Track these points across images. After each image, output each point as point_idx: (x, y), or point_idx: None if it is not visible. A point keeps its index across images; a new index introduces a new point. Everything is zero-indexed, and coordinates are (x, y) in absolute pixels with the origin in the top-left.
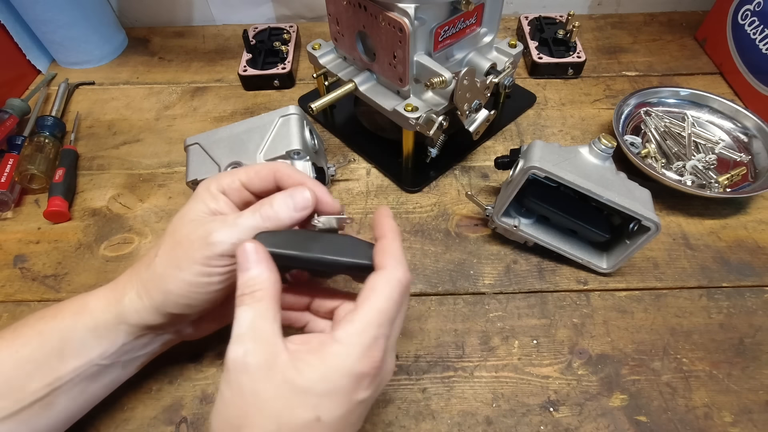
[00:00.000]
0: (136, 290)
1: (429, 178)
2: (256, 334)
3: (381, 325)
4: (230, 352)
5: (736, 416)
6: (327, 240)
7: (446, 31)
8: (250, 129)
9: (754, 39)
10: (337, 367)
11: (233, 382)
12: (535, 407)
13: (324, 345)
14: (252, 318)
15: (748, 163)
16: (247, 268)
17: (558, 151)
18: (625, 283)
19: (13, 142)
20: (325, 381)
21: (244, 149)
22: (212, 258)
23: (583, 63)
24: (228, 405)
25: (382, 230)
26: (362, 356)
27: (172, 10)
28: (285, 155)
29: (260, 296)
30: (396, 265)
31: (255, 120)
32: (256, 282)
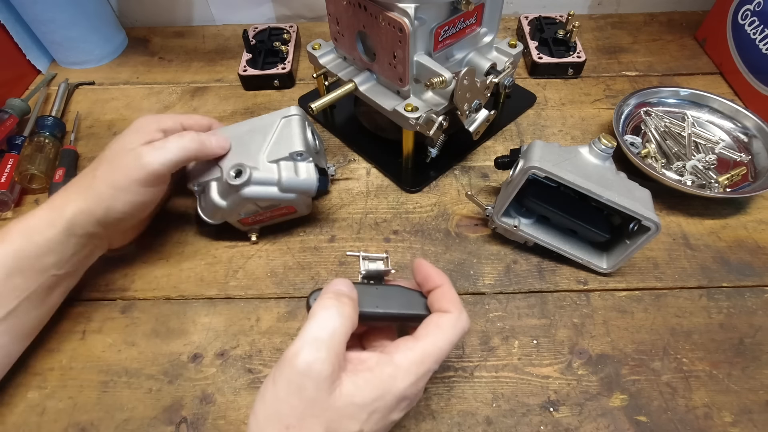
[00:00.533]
0: (78, 206)
1: (429, 178)
2: (333, 345)
3: (436, 361)
4: (304, 353)
5: (736, 416)
6: (384, 294)
7: (446, 31)
8: (251, 130)
9: (754, 39)
10: (391, 389)
11: (295, 382)
12: (535, 407)
13: (381, 365)
14: (336, 328)
15: (748, 163)
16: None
17: (558, 151)
18: (625, 283)
19: (13, 142)
20: (378, 400)
21: (246, 150)
22: (145, 177)
23: (583, 63)
24: (282, 402)
25: (434, 280)
26: (412, 384)
27: (172, 10)
28: (288, 157)
29: (348, 312)
30: (461, 312)
31: (256, 121)
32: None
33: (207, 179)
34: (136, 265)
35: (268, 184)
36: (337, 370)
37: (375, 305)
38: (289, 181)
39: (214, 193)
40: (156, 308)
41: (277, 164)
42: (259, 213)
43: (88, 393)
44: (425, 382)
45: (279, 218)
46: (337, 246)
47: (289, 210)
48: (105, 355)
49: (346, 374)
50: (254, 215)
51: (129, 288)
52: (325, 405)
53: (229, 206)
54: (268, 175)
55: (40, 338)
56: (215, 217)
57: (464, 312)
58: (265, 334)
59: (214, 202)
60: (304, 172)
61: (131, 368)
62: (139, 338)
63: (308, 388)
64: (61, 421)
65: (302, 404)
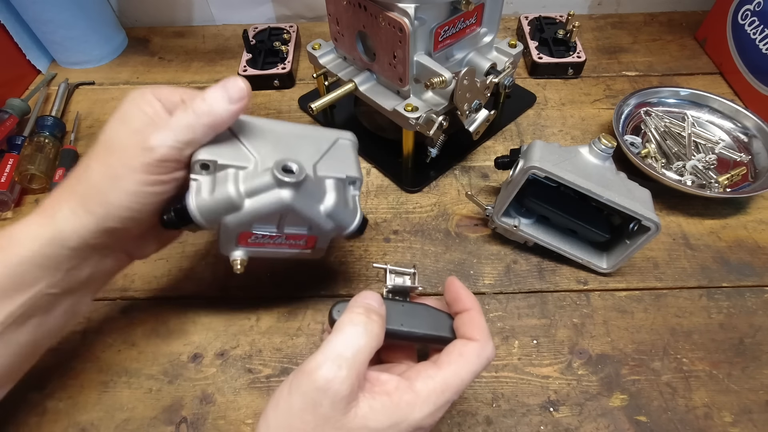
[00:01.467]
0: (70, 207)
1: (429, 178)
2: (355, 364)
3: (457, 392)
4: (324, 369)
5: (736, 416)
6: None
7: (446, 31)
8: (300, 135)
9: (754, 39)
10: (407, 418)
11: (310, 397)
12: (535, 407)
13: (400, 391)
14: (361, 347)
15: (748, 163)
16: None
17: (558, 151)
18: (625, 283)
19: (13, 142)
20: (393, 428)
21: (294, 153)
22: (152, 164)
23: (583, 63)
24: (295, 416)
25: (463, 303)
26: (431, 414)
27: (172, 10)
28: (344, 179)
29: (377, 330)
30: (487, 341)
31: (305, 128)
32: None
33: (230, 163)
34: (136, 265)
35: (316, 200)
36: (356, 391)
37: (400, 323)
38: (337, 207)
39: (233, 183)
40: (156, 308)
41: (333, 182)
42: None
43: (88, 393)
44: (442, 413)
45: (281, 252)
46: (337, 246)
47: (306, 245)
48: (105, 355)
49: (363, 395)
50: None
51: (129, 288)
52: (338, 425)
53: (251, 210)
54: (319, 187)
55: None
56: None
57: (491, 341)
58: (265, 334)
59: (229, 195)
60: (352, 202)
61: (131, 368)
62: (139, 338)
63: (324, 405)
64: (61, 421)
65: (315, 421)
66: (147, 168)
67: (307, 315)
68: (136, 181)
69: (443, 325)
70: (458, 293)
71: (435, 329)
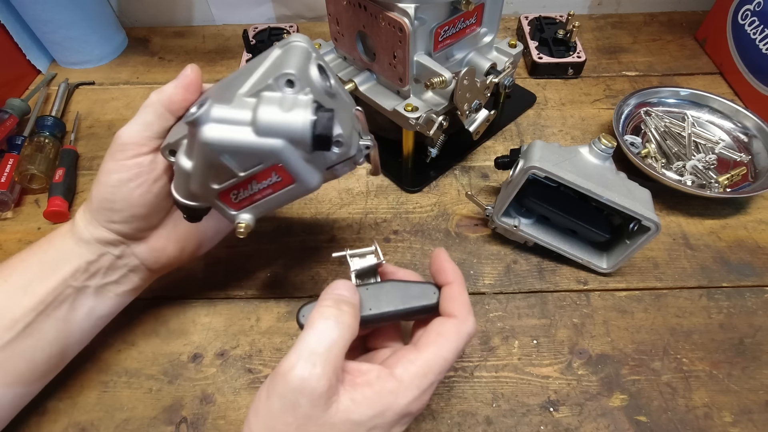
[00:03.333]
0: (82, 208)
1: (429, 178)
2: (330, 358)
3: (440, 372)
4: (298, 368)
5: (736, 416)
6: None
7: (446, 31)
8: (241, 72)
9: (754, 39)
10: (392, 406)
11: (289, 398)
12: (535, 407)
13: (382, 380)
14: (335, 340)
15: (748, 163)
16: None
17: (558, 151)
18: (625, 283)
19: (13, 142)
20: (378, 418)
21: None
22: (118, 152)
23: (583, 63)
24: (275, 419)
25: (446, 276)
26: (416, 399)
27: (172, 10)
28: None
29: (349, 320)
30: (467, 316)
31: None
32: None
33: (177, 138)
34: None
35: (239, 123)
36: (335, 385)
37: (368, 308)
38: (268, 118)
39: (181, 153)
40: (156, 308)
41: (258, 97)
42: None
43: (88, 393)
44: (429, 395)
45: (274, 199)
46: (337, 246)
47: (285, 180)
48: (105, 355)
49: (344, 388)
50: (236, 188)
51: None
52: (320, 422)
53: (195, 168)
54: (237, 111)
55: None
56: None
57: (471, 315)
58: (265, 334)
59: (180, 165)
60: (292, 104)
61: (131, 368)
62: (139, 338)
63: (303, 405)
64: (61, 421)
65: (296, 422)
66: (113, 155)
67: None
68: (107, 170)
69: (417, 294)
70: (442, 265)
71: (406, 303)
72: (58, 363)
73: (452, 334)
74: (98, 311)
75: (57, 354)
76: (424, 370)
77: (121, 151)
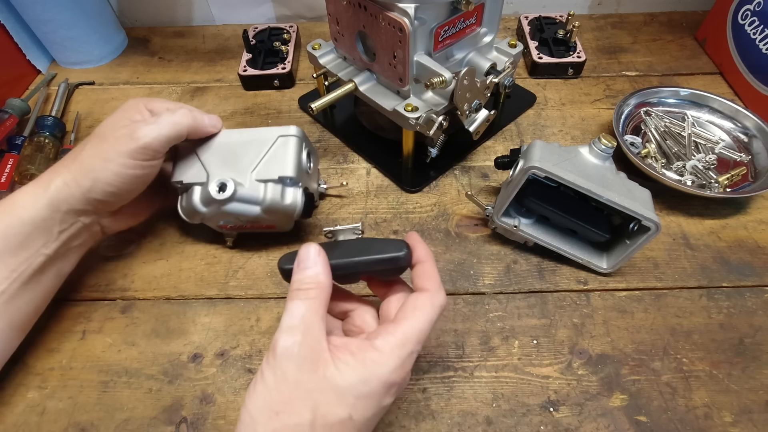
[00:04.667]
0: (63, 179)
1: (429, 178)
2: (305, 328)
3: (418, 341)
4: (280, 340)
5: (736, 416)
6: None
7: (446, 31)
8: (246, 142)
9: (754, 39)
10: (375, 374)
11: (279, 368)
12: (535, 407)
13: (363, 351)
14: (304, 313)
15: (748, 163)
16: (306, 267)
17: (558, 151)
18: (625, 283)
19: (13, 142)
20: (363, 384)
21: (237, 163)
22: (137, 150)
23: (583, 63)
24: (271, 390)
25: (417, 255)
26: (397, 367)
27: (172, 10)
28: (277, 180)
29: (314, 294)
30: (438, 289)
31: (253, 133)
32: (313, 281)
33: (191, 182)
34: (136, 265)
35: (252, 203)
36: (318, 352)
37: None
38: (273, 204)
39: (196, 197)
40: (156, 308)
41: (265, 185)
42: (239, 224)
43: (88, 393)
44: (411, 364)
45: (258, 230)
46: None
47: (269, 226)
48: (105, 355)
49: (329, 358)
50: (234, 225)
51: (129, 288)
52: (309, 386)
53: (208, 214)
54: (253, 194)
55: (40, 338)
56: (194, 219)
57: (442, 289)
58: (265, 334)
59: (194, 206)
60: (290, 197)
61: (131, 368)
62: (139, 338)
63: (290, 371)
64: (61, 421)
65: (288, 388)
66: (132, 153)
67: None
68: (122, 164)
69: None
70: (414, 246)
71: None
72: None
73: (427, 306)
74: (63, 270)
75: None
76: (402, 341)
77: (141, 152)
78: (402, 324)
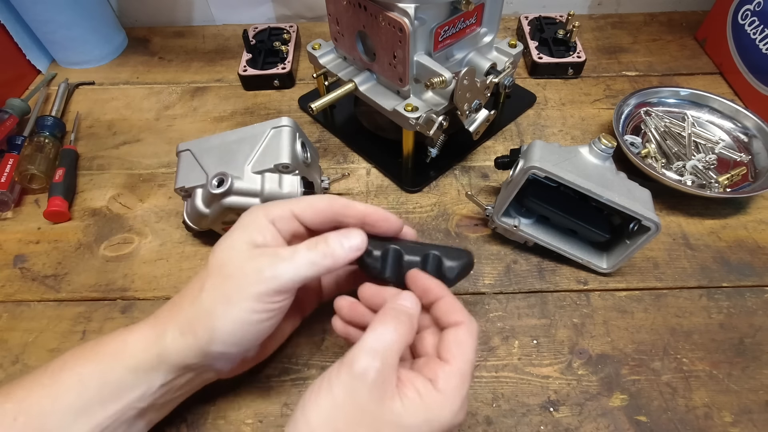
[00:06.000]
0: (179, 328)
1: (429, 178)
2: (387, 357)
3: (471, 377)
4: (361, 360)
5: (736, 416)
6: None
7: (446, 31)
8: (241, 139)
9: (754, 39)
10: (439, 418)
11: (351, 387)
12: (535, 407)
13: (428, 392)
14: (391, 342)
15: (748, 163)
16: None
17: (558, 151)
18: (625, 283)
19: (13, 142)
20: (426, 426)
21: (233, 159)
22: (266, 294)
23: (583, 63)
24: (337, 407)
25: (435, 292)
26: (459, 410)
27: (172, 10)
28: (273, 168)
29: (406, 326)
30: (471, 319)
31: (247, 130)
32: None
33: (193, 185)
34: (136, 265)
35: (251, 195)
36: (390, 383)
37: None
38: (271, 194)
39: (198, 199)
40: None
41: (262, 175)
42: None
43: None
44: (467, 404)
45: None
46: None
47: None
48: None
49: (396, 390)
50: None
51: (129, 288)
52: (375, 415)
53: (211, 214)
54: (250, 186)
55: (40, 338)
56: (200, 224)
57: (472, 318)
58: None
59: (198, 208)
60: (288, 185)
61: None
62: None
63: (361, 395)
64: None
65: (354, 410)
66: (260, 296)
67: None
68: (247, 309)
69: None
70: (426, 284)
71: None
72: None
73: (468, 339)
74: (155, 420)
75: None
76: (461, 380)
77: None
78: (454, 362)
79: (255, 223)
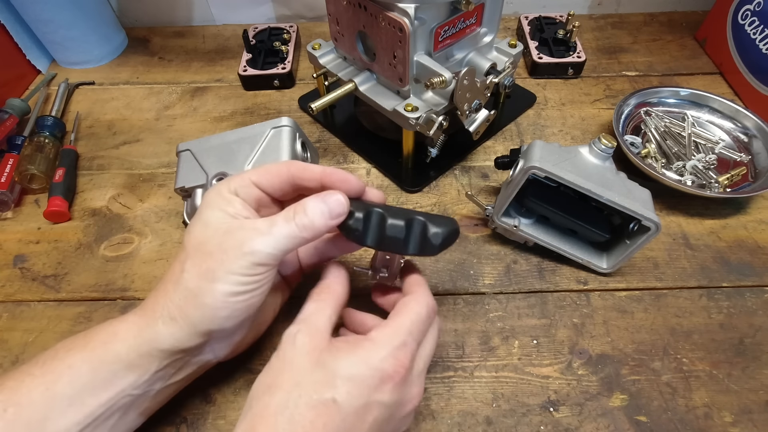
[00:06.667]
0: (169, 312)
1: (429, 178)
2: (310, 322)
3: (410, 333)
4: (287, 329)
5: (736, 416)
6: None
7: (446, 31)
8: (241, 139)
9: (754, 39)
10: (364, 358)
11: (280, 351)
12: (535, 407)
13: (359, 341)
14: (312, 311)
15: (748, 163)
16: (325, 277)
17: (558, 151)
18: (625, 283)
19: (13, 142)
20: (350, 367)
21: (232, 159)
22: (249, 267)
23: (583, 63)
24: (269, 369)
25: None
26: (389, 355)
27: (172, 10)
28: None
29: (324, 298)
30: (424, 292)
31: (247, 130)
32: (326, 288)
33: (193, 185)
34: (136, 265)
35: None
36: (318, 340)
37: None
38: None
39: (198, 199)
40: None
41: None
42: None
43: None
44: (407, 356)
45: None
46: None
47: None
48: None
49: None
50: None
51: (129, 288)
52: (300, 366)
53: None
54: None
55: (39, 339)
56: None
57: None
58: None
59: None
60: None
61: None
62: None
63: (287, 353)
64: None
65: (281, 367)
66: (243, 269)
67: None
68: (233, 281)
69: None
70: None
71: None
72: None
73: (413, 304)
74: (151, 409)
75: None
76: (394, 330)
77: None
78: (394, 318)
79: (220, 196)
